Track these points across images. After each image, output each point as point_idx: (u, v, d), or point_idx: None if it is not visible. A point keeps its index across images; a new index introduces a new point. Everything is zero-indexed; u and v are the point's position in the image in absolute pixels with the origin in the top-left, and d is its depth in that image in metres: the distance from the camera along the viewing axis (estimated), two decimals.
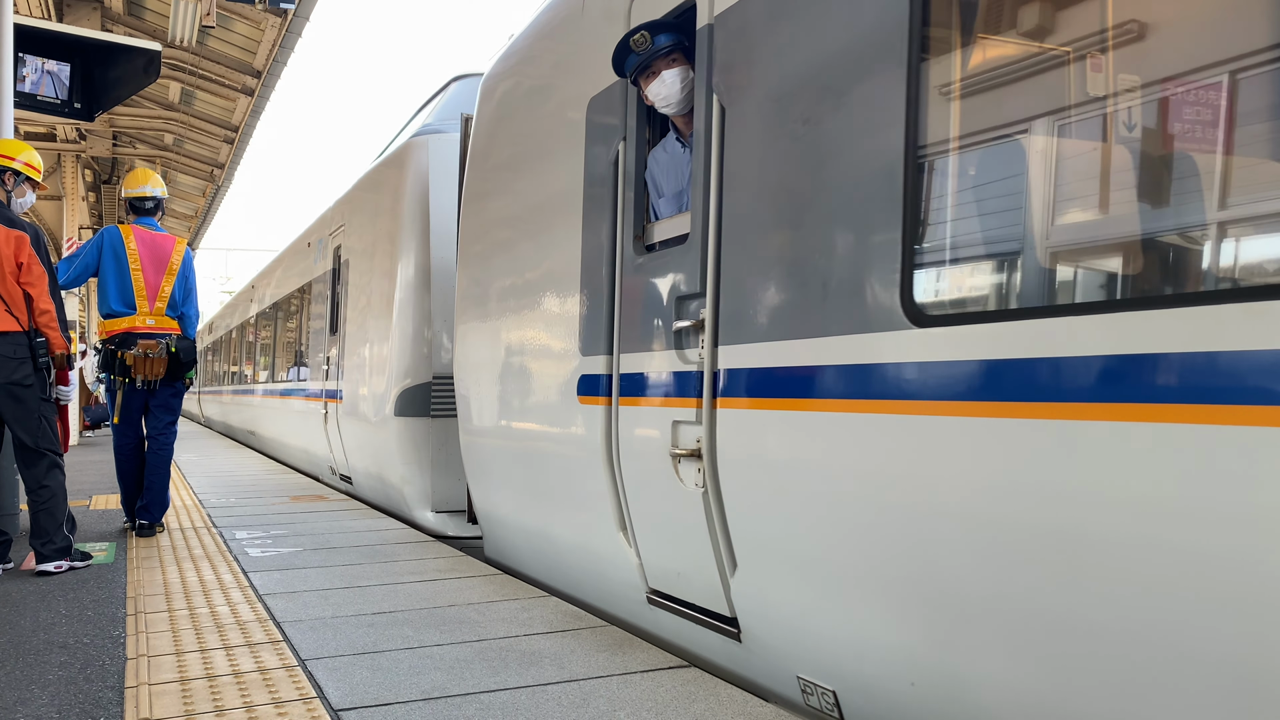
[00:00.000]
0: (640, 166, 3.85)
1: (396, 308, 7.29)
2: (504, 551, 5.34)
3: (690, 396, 3.37)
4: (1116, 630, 2.01)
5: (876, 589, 2.62)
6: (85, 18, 11.51)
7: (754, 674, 3.28)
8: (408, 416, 7.13)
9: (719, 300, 3.23)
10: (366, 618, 3.98)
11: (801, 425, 2.81)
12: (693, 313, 3.40)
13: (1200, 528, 1.83)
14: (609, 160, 3.99)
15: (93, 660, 3.40)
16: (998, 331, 2.23)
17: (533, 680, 3.16)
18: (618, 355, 3.87)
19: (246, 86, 13.87)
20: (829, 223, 2.76)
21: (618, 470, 3.87)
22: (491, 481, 5.27)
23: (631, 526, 3.84)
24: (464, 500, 6.95)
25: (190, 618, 3.99)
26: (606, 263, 3.97)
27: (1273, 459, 1.71)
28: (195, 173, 18.71)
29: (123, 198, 6.43)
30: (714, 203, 3.28)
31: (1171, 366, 1.87)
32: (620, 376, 3.85)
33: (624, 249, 3.86)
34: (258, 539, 6.02)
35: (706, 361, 3.27)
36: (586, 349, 4.12)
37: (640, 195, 3.84)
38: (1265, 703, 1.77)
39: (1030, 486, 2.15)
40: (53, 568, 4.92)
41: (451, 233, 7.08)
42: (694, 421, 3.35)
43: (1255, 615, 1.76)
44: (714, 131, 3.30)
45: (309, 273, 10.97)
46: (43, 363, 4.94)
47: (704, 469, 3.27)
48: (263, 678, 3.18)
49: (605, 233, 3.99)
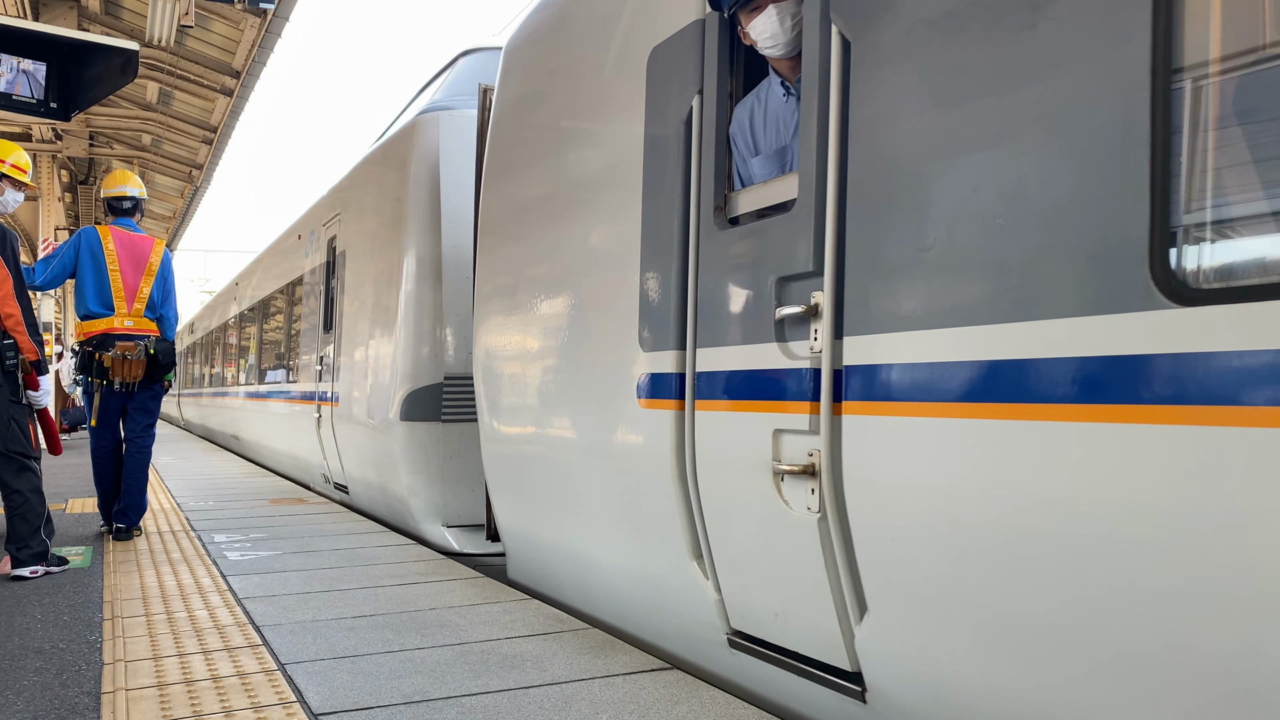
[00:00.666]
0: (722, 123, 3.26)
1: (403, 302, 6.62)
2: (533, 574, 4.80)
3: (800, 399, 2.81)
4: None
5: (1093, 655, 2.03)
6: (62, 16, 11.42)
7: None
8: (415, 421, 6.49)
9: (842, 280, 2.66)
10: (347, 621, 3.96)
11: (981, 437, 2.23)
12: (802, 297, 2.84)
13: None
14: (678, 120, 3.43)
15: (69, 665, 3.37)
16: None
17: (514, 683, 3.15)
18: (693, 351, 3.31)
19: (225, 87, 13.78)
20: (1028, 171, 2.16)
21: (693, 488, 3.30)
22: (521, 496, 4.69)
23: (710, 555, 3.26)
24: (477, 514, 6.46)
25: (168, 622, 3.95)
26: (677, 241, 3.40)
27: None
28: (173, 173, 18.58)
29: (101, 198, 6.41)
30: (834, 159, 2.71)
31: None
32: (696, 376, 3.28)
33: (701, 223, 3.29)
34: (237, 542, 5.98)
35: (826, 356, 2.70)
36: (649, 343, 3.53)
37: (723, 158, 3.27)
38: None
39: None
40: (28, 573, 4.86)
41: (466, 218, 6.52)
42: (806, 430, 2.78)
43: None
44: (834, 72, 2.73)
45: (300, 267, 10.32)
46: (10, 365, 4.89)
47: (821, 489, 2.71)
48: (242, 682, 3.15)
49: (673, 206, 3.43)
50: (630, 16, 3.79)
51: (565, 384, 4.14)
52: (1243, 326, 1.74)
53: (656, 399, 3.47)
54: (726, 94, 3.28)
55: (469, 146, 6.63)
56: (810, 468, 2.74)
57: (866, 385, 2.54)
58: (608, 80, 3.91)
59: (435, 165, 6.63)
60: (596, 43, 4.05)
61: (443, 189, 6.58)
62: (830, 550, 2.71)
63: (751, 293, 3.03)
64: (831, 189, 2.70)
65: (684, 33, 3.43)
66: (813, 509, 2.75)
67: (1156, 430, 1.87)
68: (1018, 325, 2.15)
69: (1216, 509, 1.78)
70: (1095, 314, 2.00)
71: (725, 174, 3.27)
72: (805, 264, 2.79)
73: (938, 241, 2.36)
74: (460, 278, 6.51)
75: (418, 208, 6.66)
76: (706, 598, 3.31)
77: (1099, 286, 1.99)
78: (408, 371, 6.53)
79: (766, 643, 3.09)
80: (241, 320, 15.04)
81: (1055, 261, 2.09)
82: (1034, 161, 2.15)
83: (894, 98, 2.52)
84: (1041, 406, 2.09)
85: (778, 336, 2.90)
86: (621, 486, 3.71)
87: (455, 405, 6.50)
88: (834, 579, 2.72)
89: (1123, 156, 1.97)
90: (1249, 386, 1.72)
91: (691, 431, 3.29)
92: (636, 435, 3.58)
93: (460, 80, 7.41)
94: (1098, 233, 2.00)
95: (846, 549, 2.66)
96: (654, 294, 3.51)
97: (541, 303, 4.38)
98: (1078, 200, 2.05)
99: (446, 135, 6.67)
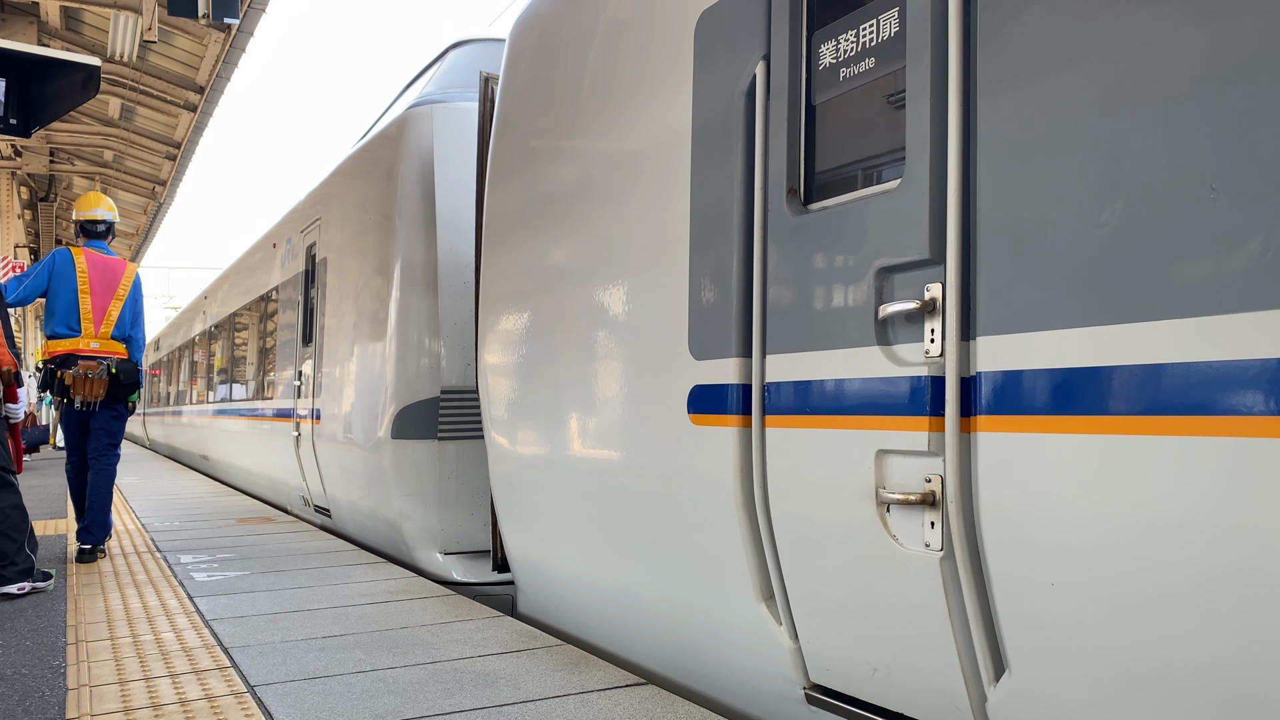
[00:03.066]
0: (795, 91, 2.84)
1: (394, 310, 6.11)
2: (550, 610, 4.39)
3: (914, 414, 2.36)
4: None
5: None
6: (21, 32, 11.28)
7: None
8: (408, 439, 5.94)
9: (970, 268, 2.23)
10: (317, 641, 3.91)
11: (1176, 459, 1.77)
12: (913, 290, 2.40)
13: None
14: (738, 91, 3.01)
15: (32, 691, 3.30)
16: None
17: (488, 701, 3.12)
18: (761, 358, 2.88)
19: (189, 102, 13.68)
20: (1260, 117, 1.68)
21: (763, 518, 2.88)
22: (537, 523, 4.23)
23: (786, 597, 2.85)
24: (478, 540, 5.95)
25: (134, 645, 3.89)
26: (738, 230, 2.97)
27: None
28: (136, 189, 18.39)
29: (74, 220, 6.39)
30: (955, 123, 2.26)
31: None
32: (765, 387, 2.87)
33: (770, 209, 2.87)
34: (203, 563, 5.89)
35: (951, 361, 2.25)
36: (702, 350, 3.10)
37: (796, 132, 2.84)
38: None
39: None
40: (15, 589, 4.79)
41: (463, 219, 6.07)
42: (924, 451, 2.35)
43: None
44: (956, 12, 2.28)
45: (275, 277, 9.75)
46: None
47: (947, 522, 2.28)
48: (210, 705, 3.10)
49: (732, 189, 3.00)
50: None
51: (593, 398, 3.72)
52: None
53: (711, 414, 3.04)
54: (800, 55, 2.83)
55: (466, 141, 6.19)
56: (929, 496, 2.31)
57: (1010, 396, 2.08)
58: (644, 51, 3.51)
59: (429, 162, 6.12)
60: (627, 10, 3.66)
61: (437, 187, 6.08)
62: (957, 595, 2.29)
63: (841, 288, 2.59)
64: (955, 155, 2.24)
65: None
66: (933, 545, 2.32)
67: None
68: (1225, 319, 1.71)
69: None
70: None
71: (799, 151, 2.83)
72: (918, 250, 2.34)
73: (1116, 216, 1.90)
74: (458, 283, 6.01)
75: (410, 209, 6.16)
76: (778, 645, 2.88)
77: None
78: (400, 385, 6.01)
79: (859, 700, 2.68)
80: (210, 335, 14.60)
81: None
82: (1271, 103, 1.64)
83: (1051, 19, 1.99)
84: (1264, 420, 1.64)
85: (880, 339, 2.48)
86: (666, 515, 3.29)
87: (453, 421, 5.96)
88: (960, 630, 2.29)
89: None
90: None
91: (762, 452, 2.86)
92: (686, 456, 3.15)
93: (452, 72, 6.88)
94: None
95: (979, 595, 2.23)
96: (708, 292, 3.07)
97: (563, 305, 3.94)
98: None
99: (441, 129, 6.16)
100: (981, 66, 2.19)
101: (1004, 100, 2.14)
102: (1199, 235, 1.76)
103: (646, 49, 3.50)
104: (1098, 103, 1.95)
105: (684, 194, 3.22)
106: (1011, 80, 2.12)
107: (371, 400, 6.31)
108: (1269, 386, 1.63)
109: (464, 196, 6.09)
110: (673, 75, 3.32)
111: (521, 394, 4.31)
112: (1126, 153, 1.89)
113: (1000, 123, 2.15)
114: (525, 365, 4.27)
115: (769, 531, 2.87)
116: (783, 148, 2.84)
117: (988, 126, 2.18)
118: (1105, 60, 1.93)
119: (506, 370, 4.46)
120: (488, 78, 5.34)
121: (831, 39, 2.74)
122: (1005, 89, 2.13)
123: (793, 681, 2.88)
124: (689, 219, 3.19)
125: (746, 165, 2.96)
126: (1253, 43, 1.69)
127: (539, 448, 4.16)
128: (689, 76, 3.23)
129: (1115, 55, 1.92)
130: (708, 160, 3.12)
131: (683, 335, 3.19)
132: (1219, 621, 1.70)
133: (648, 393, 3.38)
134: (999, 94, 2.15)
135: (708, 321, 3.08)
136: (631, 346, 3.49)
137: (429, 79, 7.19)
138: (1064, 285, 2.00)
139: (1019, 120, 2.11)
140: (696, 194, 3.16)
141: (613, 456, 3.60)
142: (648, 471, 3.38)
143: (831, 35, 2.74)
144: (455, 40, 7.37)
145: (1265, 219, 1.66)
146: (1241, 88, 1.70)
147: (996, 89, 2.16)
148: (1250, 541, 1.65)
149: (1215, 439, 1.71)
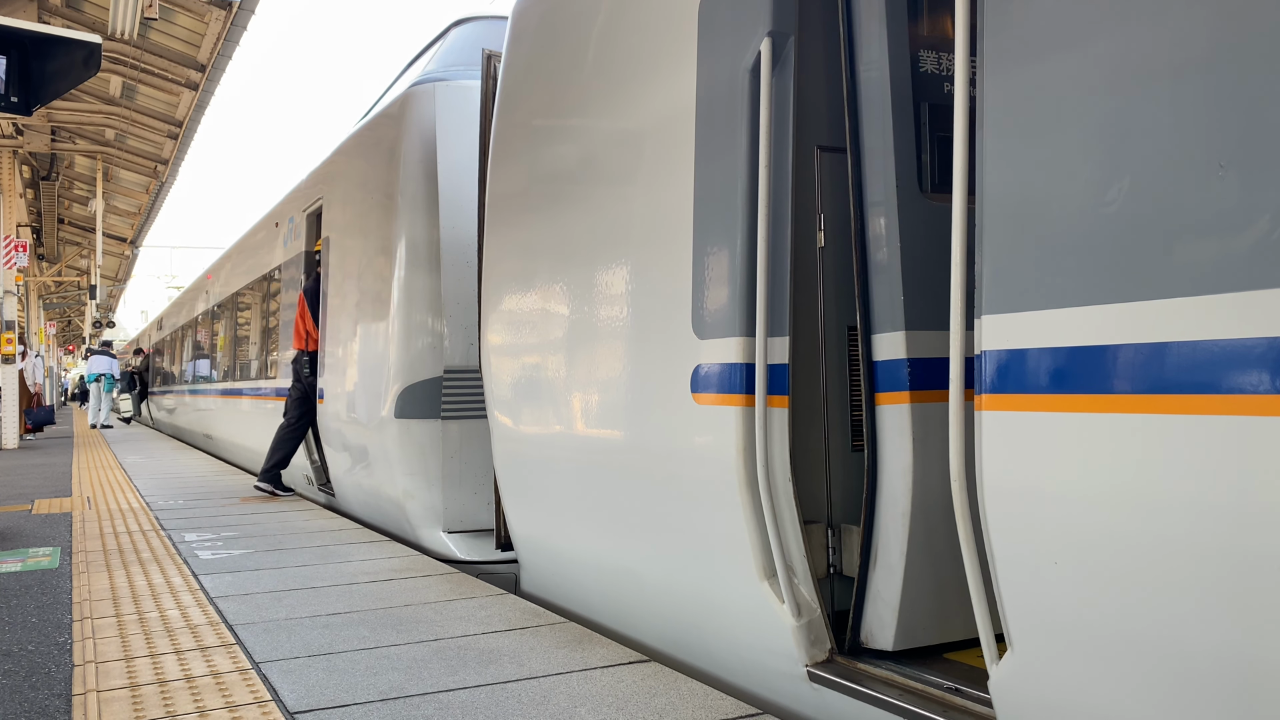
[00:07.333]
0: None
1: (397, 289, 6.13)
2: (553, 588, 4.45)
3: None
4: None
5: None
6: (21, 9, 11.20)
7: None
8: (412, 418, 5.96)
9: (978, 249, 2.20)
10: (321, 619, 3.93)
11: (1189, 438, 1.75)
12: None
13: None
14: (742, 67, 2.99)
15: (38, 668, 3.32)
16: None
17: (492, 678, 3.14)
18: (764, 339, 2.88)
19: (190, 80, 13.60)
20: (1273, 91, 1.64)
21: (766, 497, 2.90)
22: (540, 502, 4.28)
23: (787, 575, 2.90)
24: (481, 519, 5.96)
25: (139, 622, 3.91)
26: (742, 211, 3.01)
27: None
28: (138, 168, 18.32)
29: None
30: (960, 107, 2.21)
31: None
32: (769, 368, 2.89)
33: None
34: (208, 541, 5.92)
35: (956, 340, 2.25)
36: (706, 329, 3.11)
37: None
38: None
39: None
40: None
41: (466, 197, 6.05)
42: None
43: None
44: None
45: (278, 256, 9.75)
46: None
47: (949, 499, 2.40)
48: (216, 681, 3.12)
49: (736, 170, 3.02)
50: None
51: (596, 377, 3.74)
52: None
53: (717, 393, 3.03)
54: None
55: (468, 120, 6.16)
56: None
57: (1016, 373, 2.04)
58: (646, 29, 3.50)
59: (431, 141, 6.12)
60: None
61: (440, 166, 6.07)
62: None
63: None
64: (960, 128, 2.17)
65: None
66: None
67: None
68: (1234, 296, 1.67)
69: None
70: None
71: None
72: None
73: (1123, 194, 1.86)
74: (461, 262, 6.02)
75: (412, 187, 6.16)
76: (779, 624, 2.90)
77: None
78: (403, 365, 6.03)
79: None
80: (214, 314, 14.59)
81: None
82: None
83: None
84: (1269, 399, 1.61)
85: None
86: (669, 493, 3.31)
87: (456, 400, 5.97)
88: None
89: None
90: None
91: (764, 431, 2.88)
92: (689, 435, 3.17)
93: (454, 50, 6.85)
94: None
95: (980, 572, 2.24)
96: (710, 272, 3.07)
97: (566, 284, 3.94)
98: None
99: (443, 108, 6.15)
100: (987, 42, 2.15)
101: (1003, 56, 2.10)
102: (1209, 213, 1.73)
103: (650, 26, 3.47)
104: (1105, 79, 1.91)
105: (688, 173, 3.19)
106: (1017, 56, 2.08)
107: (375, 380, 6.32)
108: (1275, 365, 1.61)
109: (467, 175, 6.08)
110: (677, 52, 3.29)
111: (524, 373, 4.32)
112: (1134, 129, 1.85)
113: (1000, 85, 2.11)
114: (528, 345, 4.28)
115: (771, 511, 2.89)
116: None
117: (994, 87, 2.13)
118: (1112, 35, 1.89)
119: (509, 350, 4.47)
120: (490, 56, 5.32)
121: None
122: (1010, 65, 2.09)
123: (794, 659, 2.91)
124: (693, 198, 3.17)
125: (751, 143, 2.94)
126: (1263, 17, 1.65)
127: (542, 427, 4.18)
128: (693, 53, 3.20)
129: (1123, 30, 1.88)
130: (712, 138, 3.10)
131: (686, 314, 3.19)
132: (1223, 600, 1.68)
133: (651, 372, 3.38)
134: (1003, 71, 2.11)
135: (711, 301, 3.08)
136: (635, 326, 3.49)
137: (431, 57, 7.15)
138: (1068, 264, 1.97)
139: (1023, 97, 2.07)
140: (701, 173, 3.14)
141: (615, 435, 3.61)
142: (650, 450, 3.38)
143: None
144: (458, 18, 7.32)
145: (1275, 196, 1.63)
146: (1252, 63, 1.65)
147: (1001, 65, 2.12)
148: (1254, 520, 1.64)
149: (1220, 418, 1.68)
